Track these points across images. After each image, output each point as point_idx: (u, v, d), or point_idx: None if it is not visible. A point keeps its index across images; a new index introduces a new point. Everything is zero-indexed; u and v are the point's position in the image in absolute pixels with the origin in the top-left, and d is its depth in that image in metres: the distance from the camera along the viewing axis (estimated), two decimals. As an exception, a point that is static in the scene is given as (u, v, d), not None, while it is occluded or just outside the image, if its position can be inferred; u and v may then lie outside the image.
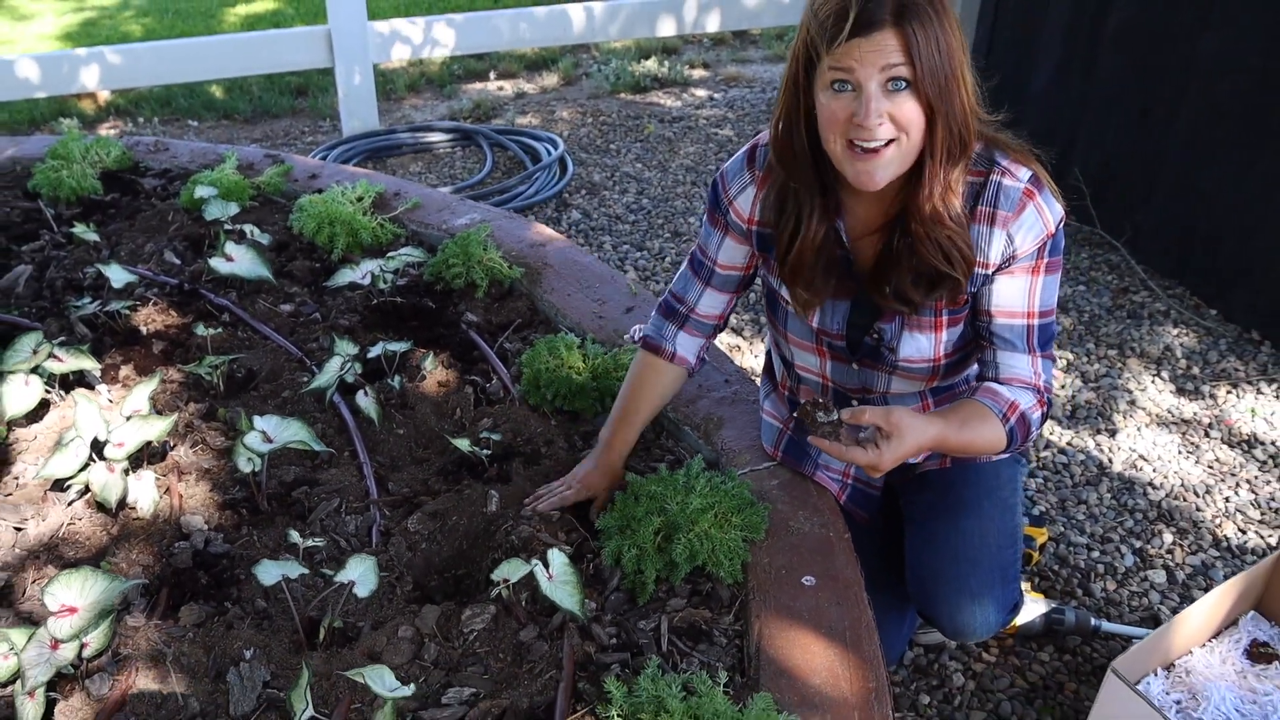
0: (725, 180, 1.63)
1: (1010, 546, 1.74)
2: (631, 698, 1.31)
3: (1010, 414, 1.52)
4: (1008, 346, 1.55)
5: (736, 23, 4.78)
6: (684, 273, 1.76)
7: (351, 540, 1.65)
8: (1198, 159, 3.20)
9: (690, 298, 1.75)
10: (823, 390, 1.75)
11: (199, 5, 6.25)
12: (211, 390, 1.97)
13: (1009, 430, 1.51)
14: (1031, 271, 1.50)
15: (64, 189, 2.62)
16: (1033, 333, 1.53)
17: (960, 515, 1.71)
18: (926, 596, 1.74)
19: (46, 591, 1.37)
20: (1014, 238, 1.46)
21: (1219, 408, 2.80)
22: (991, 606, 1.70)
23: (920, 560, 1.74)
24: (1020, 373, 1.55)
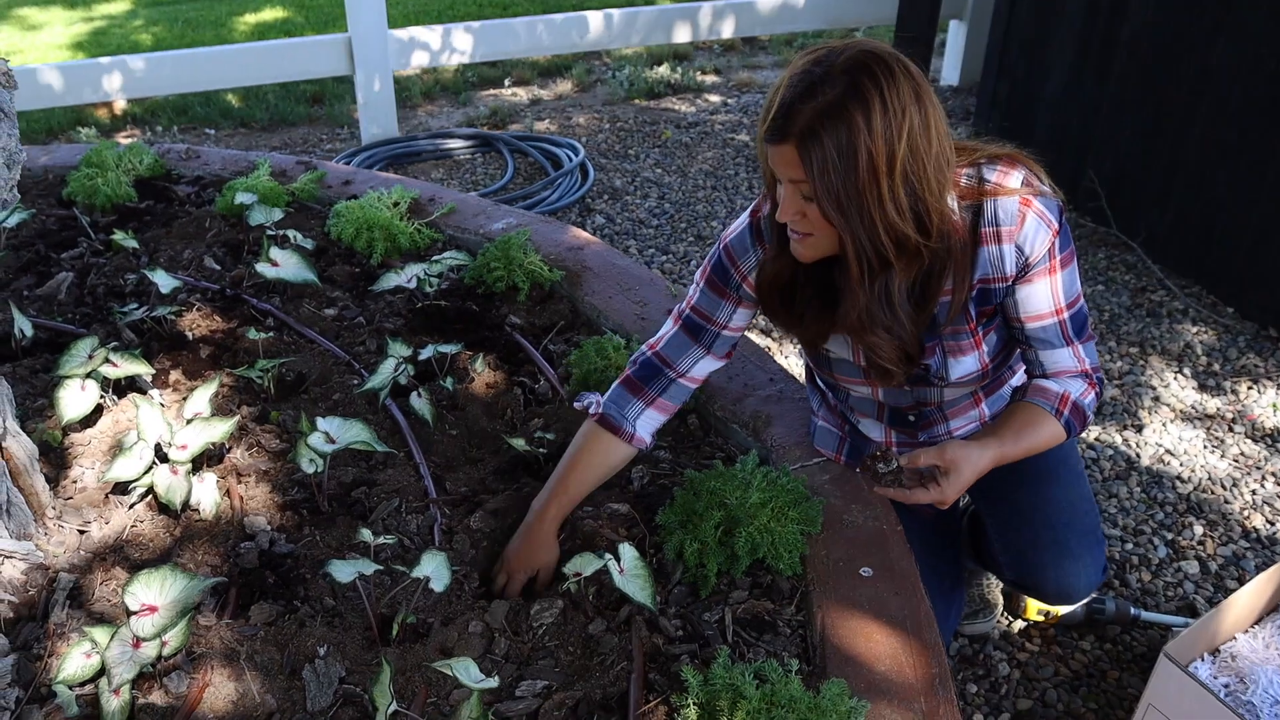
0: (734, 255, 1.63)
1: (1092, 510, 1.81)
2: (707, 686, 1.34)
3: (1063, 407, 1.58)
4: (1046, 345, 1.59)
5: (750, 29, 4.83)
6: (675, 337, 1.70)
7: (414, 539, 1.68)
8: (1212, 161, 3.25)
9: (683, 364, 1.70)
10: (878, 410, 1.78)
11: (208, 15, 6.28)
12: (263, 394, 2.00)
13: (1065, 423, 1.57)
14: (1049, 272, 1.52)
15: (99, 197, 2.64)
16: (1066, 326, 1.57)
17: (1044, 484, 1.77)
18: (1027, 565, 1.80)
19: (127, 591, 1.40)
20: (1023, 248, 1.49)
21: (1241, 403, 2.83)
22: (1091, 565, 1.77)
23: (1014, 532, 1.79)
24: (1065, 365, 1.60)
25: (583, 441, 1.69)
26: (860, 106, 1.30)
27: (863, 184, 1.34)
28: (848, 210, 1.36)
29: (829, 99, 1.31)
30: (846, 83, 1.31)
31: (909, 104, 1.32)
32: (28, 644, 1.47)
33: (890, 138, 1.32)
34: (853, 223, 1.37)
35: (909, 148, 1.33)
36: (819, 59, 1.35)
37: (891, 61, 1.33)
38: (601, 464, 1.68)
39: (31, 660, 1.44)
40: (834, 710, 1.29)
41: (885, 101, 1.31)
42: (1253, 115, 3.07)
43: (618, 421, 1.69)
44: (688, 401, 1.81)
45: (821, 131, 1.32)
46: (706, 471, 1.69)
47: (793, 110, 1.33)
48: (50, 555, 1.60)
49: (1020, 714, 1.93)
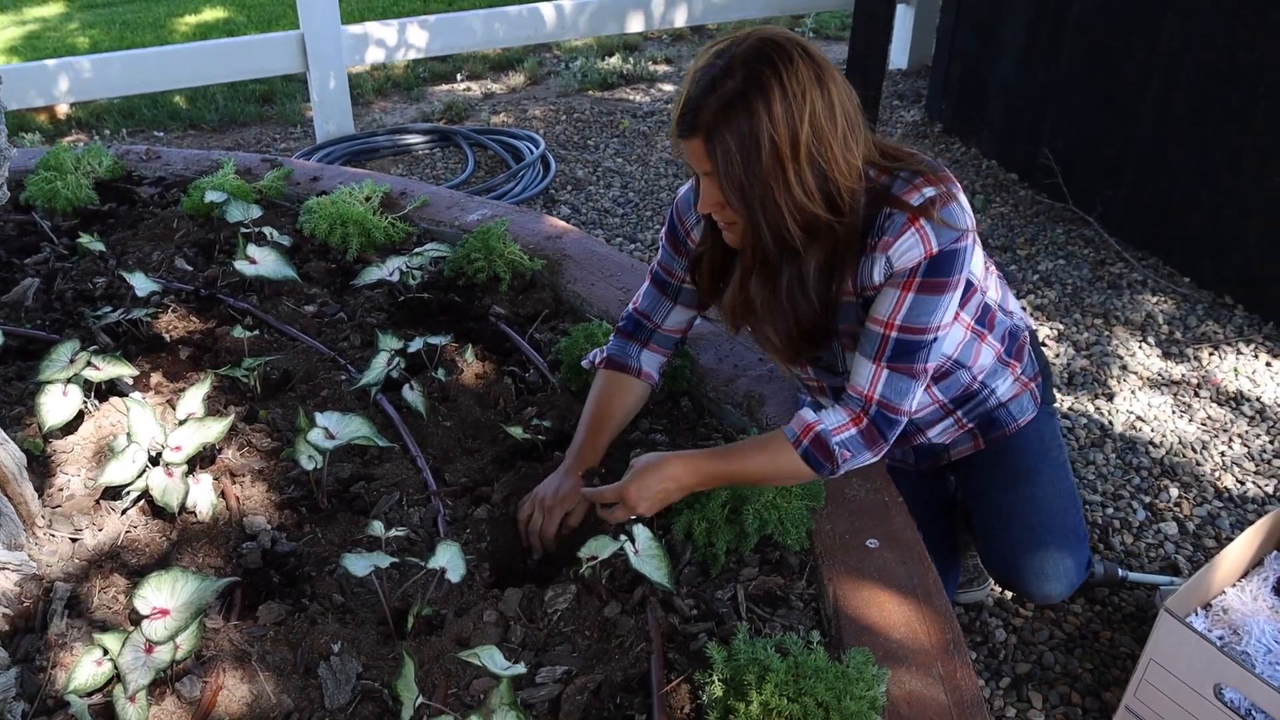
0: (680, 214, 1.70)
1: (1074, 505, 1.82)
2: (731, 661, 1.34)
3: (804, 436, 1.55)
4: (861, 352, 1.55)
5: (702, 17, 4.84)
6: (648, 292, 1.79)
7: (419, 532, 1.66)
8: (1164, 136, 3.33)
9: (658, 316, 1.78)
10: (821, 392, 1.79)
11: (146, 16, 6.13)
12: (249, 393, 1.96)
13: (804, 452, 1.55)
14: (902, 287, 1.47)
15: (59, 200, 2.57)
16: (887, 343, 1.51)
17: (1024, 484, 1.79)
18: (1008, 567, 1.81)
19: (137, 595, 1.36)
20: (893, 261, 1.47)
21: (1204, 369, 2.91)
22: (1072, 566, 1.78)
23: (995, 536, 1.81)
24: (858, 381, 1.55)
25: (599, 387, 1.77)
26: (760, 95, 1.33)
27: (767, 171, 1.36)
28: (751, 200, 1.39)
29: (729, 91, 1.34)
30: (746, 73, 1.33)
31: (809, 87, 1.34)
32: (29, 656, 1.42)
33: (792, 122, 1.34)
34: (755, 213, 1.40)
35: (812, 129, 1.35)
36: (721, 51, 1.37)
37: (790, 46, 1.35)
38: (621, 403, 1.76)
39: (35, 672, 1.40)
40: (860, 678, 1.30)
41: (785, 87, 1.33)
42: (1203, 88, 3.16)
43: (623, 359, 1.78)
44: (683, 379, 1.90)
45: (724, 124, 1.34)
46: (709, 451, 1.70)
47: (698, 105, 1.36)
48: (44, 565, 1.56)
49: (1020, 677, 1.97)
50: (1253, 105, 3.01)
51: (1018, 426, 1.85)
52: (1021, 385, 1.84)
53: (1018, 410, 1.84)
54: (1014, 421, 1.85)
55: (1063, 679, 1.97)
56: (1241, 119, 3.05)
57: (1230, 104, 3.08)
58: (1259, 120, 3.00)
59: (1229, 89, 3.07)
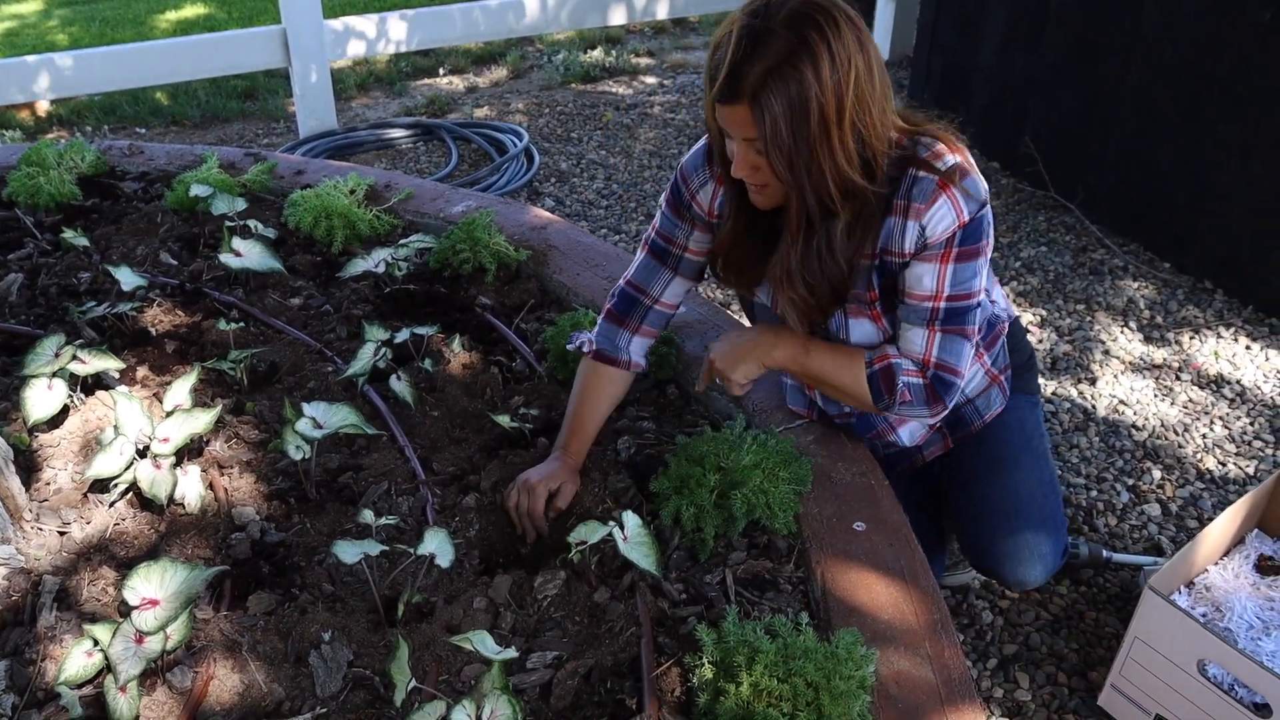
0: (686, 176, 1.66)
1: (1054, 493, 1.83)
2: (720, 644, 1.35)
3: (878, 362, 1.59)
4: (910, 323, 1.58)
5: (684, 9, 4.84)
6: (645, 263, 1.74)
7: (408, 520, 1.66)
8: (1144, 123, 3.35)
9: (655, 289, 1.74)
10: None
11: (126, 13, 6.09)
12: (235, 385, 1.96)
13: (870, 377, 1.59)
14: (941, 259, 1.50)
15: (42, 196, 2.56)
16: (937, 313, 1.54)
17: (1004, 473, 1.79)
18: (985, 555, 1.82)
19: (126, 585, 1.36)
20: (925, 228, 1.47)
21: (1185, 352, 2.94)
22: (1049, 554, 1.79)
23: (974, 523, 1.82)
24: (912, 348, 1.58)
25: (584, 378, 1.75)
26: (809, 60, 1.30)
27: (813, 137, 1.35)
28: (796, 165, 1.37)
29: (777, 55, 1.30)
30: (792, 36, 1.30)
31: (854, 51, 1.33)
32: (18, 649, 1.42)
33: (839, 88, 1.32)
34: (800, 177, 1.38)
35: (856, 96, 1.34)
36: (757, 11, 1.33)
37: (833, 9, 1.33)
38: (607, 395, 1.74)
39: (24, 665, 1.39)
40: (849, 658, 1.32)
41: (833, 52, 1.31)
42: (1183, 76, 3.18)
43: (612, 353, 1.74)
44: (669, 366, 1.88)
45: (772, 89, 1.31)
46: (698, 437, 1.71)
47: (741, 70, 1.32)
48: (31, 559, 1.56)
49: (1007, 658, 1.99)
50: (1232, 92, 3.03)
51: (983, 423, 1.85)
52: (990, 379, 1.83)
53: (984, 406, 1.84)
54: (980, 419, 1.84)
55: (1049, 659, 1.99)
56: (1221, 106, 3.08)
57: (1210, 91, 3.10)
58: (1239, 107, 3.02)
59: (1208, 76, 3.09)
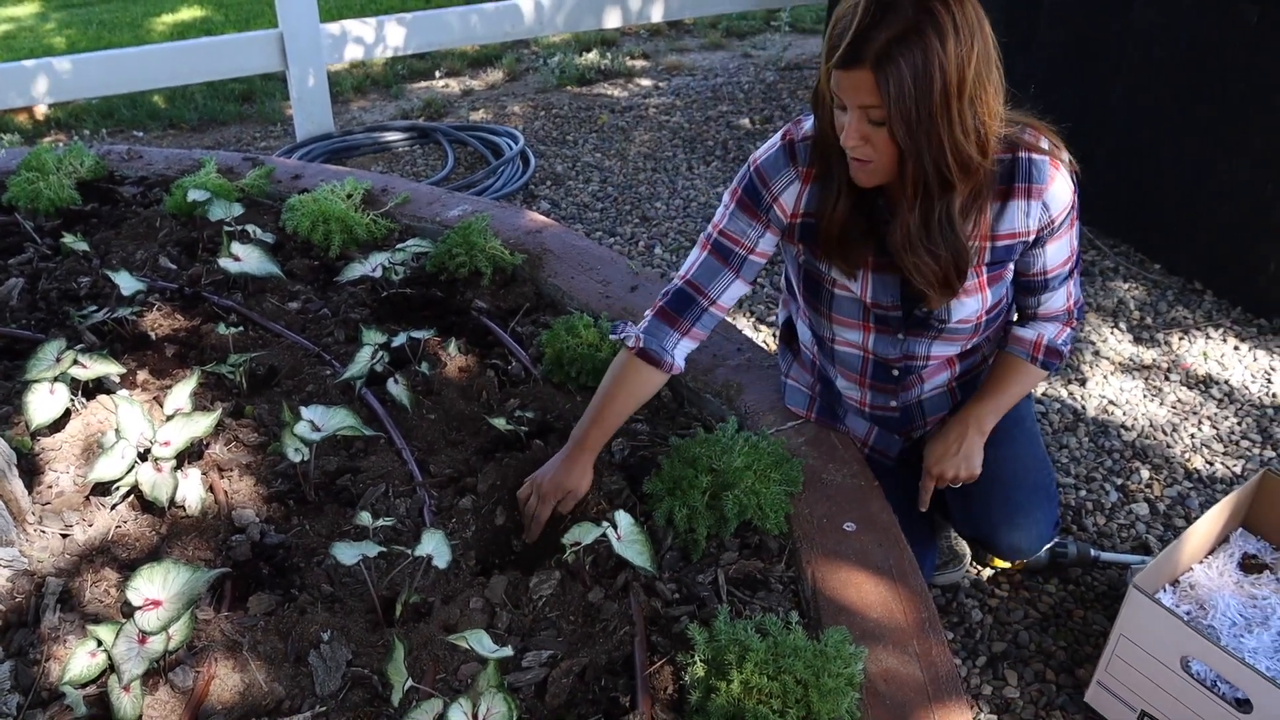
0: (765, 176, 1.64)
1: (1045, 468, 1.90)
2: (712, 642, 1.38)
3: (1037, 352, 1.76)
4: (1053, 289, 1.72)
5: (679, 12, 4.87)
6: (705, 262, 1.70)
7: (405, 522, 1.69)
8: (1136, 122, 3.38)
9: (714, 290, 1.70)
10: (862, 364, 1.82)
11: (123, 16, 6.11)
12: (235, 389, 1.98)
13: (1042, 364, 1.75)
14: (1068, 227, 1.64)
15: (42, 201, 2.58)
16: (1073, 269, 1.72)
17: (999, 446, 1.84)
18: (980, 524, 1.89)
19: (129, 586, 1.39)
20: (1049, 205, 1.58)
21: (1174, 353, 2.97)
22: (1042, 522, 1.86)
23: (968, 493, 1.87)
24: (1057, 306, 1.76)
25: (621, 373, 1.71)
26: (936, 30, 1.34)
27: (935, 107, 1.38)
28: (916, 133, 1.40)
29: (904, 24, 1.34)
30: (919, 8, 1.34)
31: (976, 30, 1.37)
32: (22, 650, 1.45)
33: (961, 62, 1.36)
34: (920, 145, 1.41)
35: (976, 72, 1.39)
36: None
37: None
38: (640, 394, 1.73)
39: (28, 665, 1.42)
40: (839, 656, 1.34)
41: (957, 25, 1.35)
42: (1173, 77, 3.21)
43: (658, 355, 1.70)
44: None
45: (899, 55, 1.35)
46: (690, 439, 1.74)
47: (867, 35, 1.35)
48: (34, 561, 1.58)
49: (996, 656, 2.02)
50: (1220, 93, 3.06)
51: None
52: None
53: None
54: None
55: (1037, 657, 2.02)
56: (1211, 107, 3.11)
57: (1200, 93, 3.13)
58: (1228, 108, 3.05)
59: (1197, 77, 3.13)
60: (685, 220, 3.74)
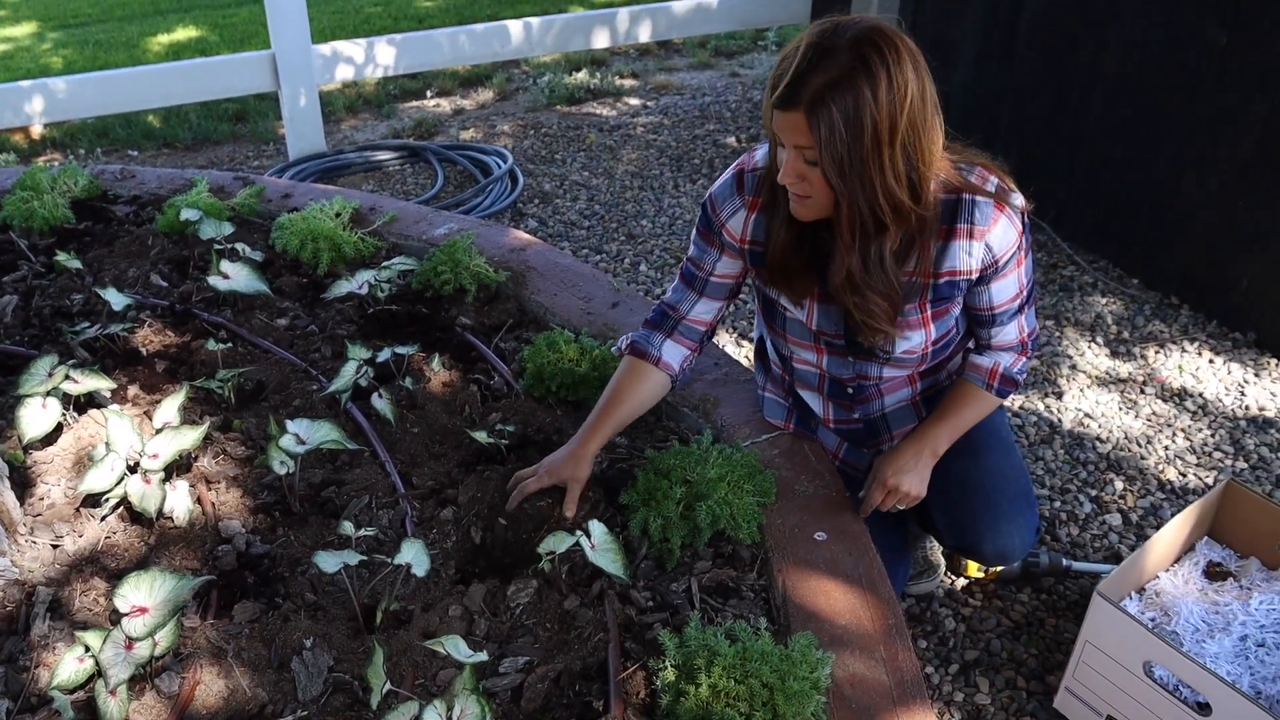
0: (716, 205, 1.75)
1: (1023, 475, 1.95)
2: (683, 648, 1.42)
3: (992, 380, 1.79)
4: (1000, 324, 1.76)
5: (666, 32, 4.93)
6: (676, 286, 1.88)
7: (388, 532, 1.73)
8: (1112, 139, 3.45)
9: (683, 307, 1.86)
10: (819, 381, 1.90)
11: (119, 36, 6.18)
12: (223, 404, 2.03)
13: (997, 392, 1.78)
14: (1016, 265, 1.68)
15: (36, 219, 2.63)
16: (1023, 304, 1.75)
17: (978, 455, 1.90)
18: (964, 530, 1.93)
19: (117, 594, 1.43)
20: (992, 246, 1.62)
21: (1150, 366, 3.02)
22: (1024, 528, 1.90)
23: (952, 501, 1.91)
24: (1009, 339, 1.79)
25: (620, 373, 1.85)
26: (868, 79, 1.40)
27: (866, 152, 1.44)
28: (849, 177, 1.46)
29: (839, 70, 1.40)
30: (855, 55, 1.40)
31: (910, 79, 1.42)
32: (12, 657, 1.49)
33: (893, 109, 1.42)
34: (852, 188, 1.47)
35: (909, 120, 1.44)
36: (828, 32, 1.43)
37: (896, 38, 1.43)
38: (639, 390, 1.83)
39: (18, 672, 1.46)
40: (805, 660, 1.39)
41: (890, 74, 1.40)
42: (1144, 94, 3.28)
43: (644, 347, 1.85)
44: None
45: (830, 101, 1.41)
46: (666, 450, 1.78)
47: (803, 79, 1.42)
48: (25, 570, 1.62)
49: (968, 663, 2.06)
50: (1191, 112, 3.13)
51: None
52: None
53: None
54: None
55: (1009, 664, 2.06)
56: (1183, 123, 3.17)
57: (1171, 111, 3.20)
58: (1199, 124, 3.12)
59: (1168, 96, 3.19)
60: (670, 238, 3.80)
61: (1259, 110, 2.93)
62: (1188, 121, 3.15)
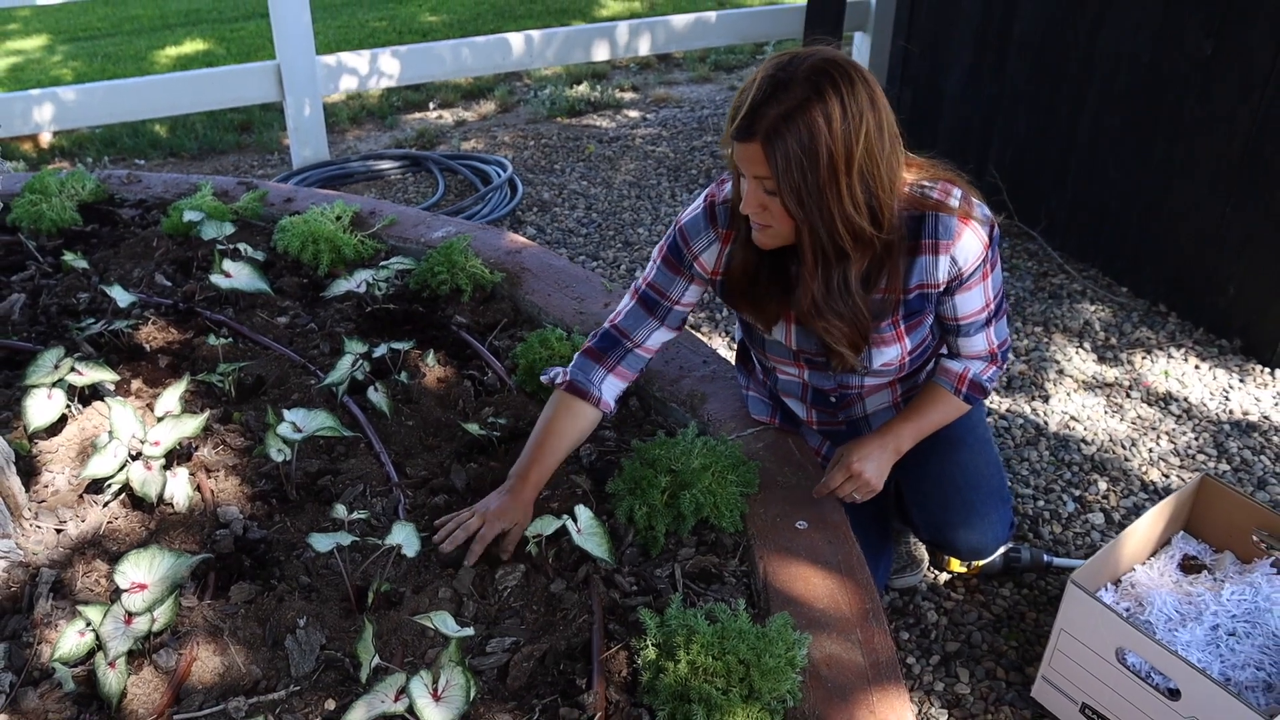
0: (688, 237, 1.76)
1: (998, 472, 2.00)
2: (663, 627, 1.47)
3: (961, 385, 1.82)
4: (970, 335, 1.79)
5: (665, 45, 5.01)
6: (633, 310, 1.84)
7: (381, 519, 1.78)
8: (1101, 149, 3.51)
9: (639, 335, 1.84)
10: (802, 390, 1.95)
11: (128, 49, 6.28)
12: (224, 397, 2.08)
13: (965, 398, 1.82)
14: (981, 278, 1.71)
15: (44, 221, 2.70)
16: (990, 316, 1.77)
17: (953, 451, 1.94)
18: (938, 525, 1.98)
19: (117, 570, 1.48)
20: (957, 260, 1.66)
21: (1136, 371, 3.07)
22: (997, 523, 1.95)
23: (926, 495, 1.96)
24: (977, 350, 1.82)
25: (553, 410, 1.80)
26: (822, 110, 1.43)
27: (823, 181, 1.47)
28: (807, 205, 1.50)
29: (793, 102, 1.44)
30: (810, 87, 1.44)
31: (865, 109, 1.46)
32: (16, 634, 1.54)
33: (849, 139, 1.45)
34: (811, 216, 1.51)
35: (865, 149, 1.47)
36: (784, 64, 1.47)
37: (850, 69, 1.47)
38: (572, 429, 1.79)
39: (22, 648, 1.51)
40: (781, 639, 1.43)
41: (845, 106, 1.44)
42: (1132, 103, 3.34)
43: (584, 386, 1.81)
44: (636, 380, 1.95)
45: (786, 132, 1.44)
46: (651, 441, 1.84)
47: (759, 111, 1.46)
48: (29, 553, 1.68)
49: (949, 655, 2.10)
50: (1178, 120, 3.19)
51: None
52: None
53: None
54: None
55: (989, 655, 2.10)
56: (1168, 134, 3.23)
57: (1158, 119, 3.26)
58: (1185, 134, 3.18)
59: (1156, 105, 3.25)
60: (668, 245, 3.86)
61: (1244, 118, 2.98)
62: (1175, 130, 3.21)
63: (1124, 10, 3.32)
